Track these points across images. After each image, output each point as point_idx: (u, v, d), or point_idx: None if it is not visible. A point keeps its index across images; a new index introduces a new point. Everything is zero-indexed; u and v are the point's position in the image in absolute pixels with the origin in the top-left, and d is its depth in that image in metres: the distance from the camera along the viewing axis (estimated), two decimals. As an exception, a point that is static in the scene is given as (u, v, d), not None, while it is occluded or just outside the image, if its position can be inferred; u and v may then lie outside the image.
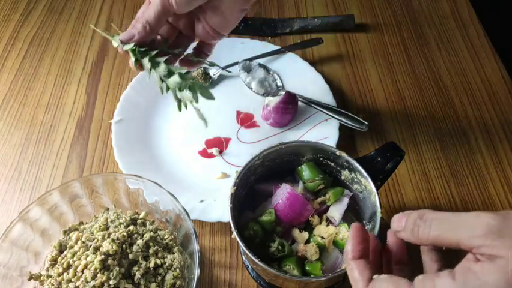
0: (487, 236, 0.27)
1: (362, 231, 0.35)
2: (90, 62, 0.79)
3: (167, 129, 0.68)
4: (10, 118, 0.71)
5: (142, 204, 0.54)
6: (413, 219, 0.31)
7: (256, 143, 0.66)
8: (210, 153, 0.65)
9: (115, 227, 0.49)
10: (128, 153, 0.63)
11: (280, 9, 0.87)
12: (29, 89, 0.75)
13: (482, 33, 0.81)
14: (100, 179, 0.52)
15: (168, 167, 0.63)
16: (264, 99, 0.69)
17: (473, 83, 0.73)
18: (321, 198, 0.49)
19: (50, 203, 0.50)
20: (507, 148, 0.65)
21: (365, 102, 0.72)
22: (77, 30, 0.84)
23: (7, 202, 0.62)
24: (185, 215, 0.48)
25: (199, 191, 0.60)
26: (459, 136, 0.67)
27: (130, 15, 0.86)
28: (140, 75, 0.71)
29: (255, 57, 0.74)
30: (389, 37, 0.81)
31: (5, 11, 0.88)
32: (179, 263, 0.48)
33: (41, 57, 0.80)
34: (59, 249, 0.49)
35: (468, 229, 0.28)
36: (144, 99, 0.70)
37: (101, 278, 0.44)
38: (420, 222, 0.30)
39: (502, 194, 0.61)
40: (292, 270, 0.45)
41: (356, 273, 0.33)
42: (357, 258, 0.33)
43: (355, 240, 0.34)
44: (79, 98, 0.73)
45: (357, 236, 0.34)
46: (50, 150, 0.67)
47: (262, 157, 0.49)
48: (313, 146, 0.50)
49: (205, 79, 0.73)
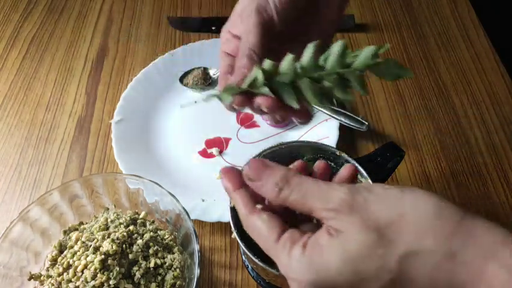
0: (337, 210, 0.27)
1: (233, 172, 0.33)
2: (90, 62, 0.79)
3: (167, 129, 0.68)
4: (10, 118, 0.71)
5: (142, 204, 0.54)
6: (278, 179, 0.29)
7: (256, 143, 0.66)
8: (210, 153, 0.65)
9: (115, 227, 0.49)
10: (128, 153, 0.63)
11: (280, 9, 0.87)
12: (29, 89, 0.75)
13: (482, 33, 0.81)
14: (100, 179, 0.52)
15: (168, 167, 0.63)
16: (264, 99, 0.69)
17: (473, 83, 0.73)
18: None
19: (50, 203, 0.50)
20: (507, 148, 0.65)
21: (365, 102, 0.72)
22: (77, 30, 0.84)
23: (7, 202, 0.62)
24: (185, 215, 0.48)
25: (199, 191, 0.60)
26: (459, 136, 0.67)
27: (130, 15, 0.86)
28: (140, 74, 0.72)
29: (255, 57, 0.74)
30: (389, 37, 0.81)
31: (5, 11, 0.88)
32: (179, 263, 0.48)
33: (41, 57, 0.80)
34: (59, 249, 0.49)
35: (322, 200, 0.27)
36: (144, 99, 0.70)
37: (101, 278, 0.44)
38: (283, 185, 0.29)
39: (502, 194, 0.61)
40: (292, 270, 0.45)
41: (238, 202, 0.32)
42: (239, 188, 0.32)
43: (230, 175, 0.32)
44: (79, 98, 0.73)
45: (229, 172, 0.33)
46: (50, 150, 0.67)
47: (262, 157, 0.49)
48: (313, 146, 0.50)
49: (205, 79, 0.73)
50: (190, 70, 0.74)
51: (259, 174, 0.30)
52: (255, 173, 0.30)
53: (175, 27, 0.84)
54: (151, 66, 0.73)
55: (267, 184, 0.30)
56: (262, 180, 0.30)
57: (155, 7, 0.88)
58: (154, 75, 0.72)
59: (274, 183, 0.29)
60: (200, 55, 0.75)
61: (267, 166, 0.30)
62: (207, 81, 0.73)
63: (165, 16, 0.86)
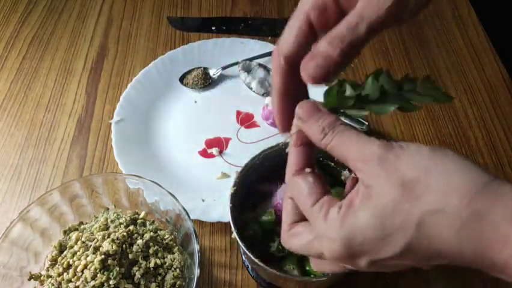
0: (367, 161, 0.27)
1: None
2: (90, 62, 0.79)
3: (167, 129, 0.68)
4: (10, 118, 0.71)
5: (142, 204, 0.54)
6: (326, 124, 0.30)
7: (256, 143, 0.66)
8: (210, 153, 0.65)
9: (115, 227, 0.49)
10: (128, 153, 0.63)
11: (280, 9, 0.87)
12: (29, 89, 0.75)
13: (482, 33, 0.81)
14: (100, 179, 0.52)
15: (168, 167, 0.63)
16: (264, 99, 0.69)
17: (473, 83, 0.73)
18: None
19: (50, 203, 0.50)
20: (507, 148, 0.65)
21: (365, 102, 0.71)
22: (77, 30, 0.84)
23: (7, 202, 0.62)
24: (185, 215, 0.48)
25: (199, 191, 0.60)
26: (459, 136, 0.67)
27: (130, 15, 0.86)
28: (140, 74, 0.72)
29: (255, 57, 0.74)
30: (389, 37, 0.81)
31: (5, 11, 0.88)
32: (179, 263, 0.48)
33: (41, 57, 0.80)
34: (59, 249, 0.49)
35: (357, 151, 0.28)
36: (144, 99, 0.70)
37: (101, 278, 0.44)
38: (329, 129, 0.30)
39: (502, 194, 0.61)
40: (293, 270, 0.45)
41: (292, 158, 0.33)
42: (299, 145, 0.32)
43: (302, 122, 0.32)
44: (79, 98, 0.73)
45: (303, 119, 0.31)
46: (50, 150, 0.67)
47: (262, 157, 0.49)
48: (314, 146, 0.50)
49: (205, 79, 0.73)
50: (190, 70, 0.74)
51: (309, 115, 0.31)
52: (306, 114, 0.31)
53: (175, 27, 0.84)
54: (151, 66, 0.73)
55: (315, 127, 0.30)
56: (310, 121, 0.30)
57: (155, 7, 0.88)
58: (154, 75, 0.72)
59: (322, 127, 0.30)
60: (200, 55, 0.75)
61: (317, 110, 0.31)
62: (206, 81, 0.73)
63: (165, 16, 0.86)
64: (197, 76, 0.72)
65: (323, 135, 0.30)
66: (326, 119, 0.30)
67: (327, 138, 0.29)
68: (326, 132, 0.30)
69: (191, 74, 0.73)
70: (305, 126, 0.31)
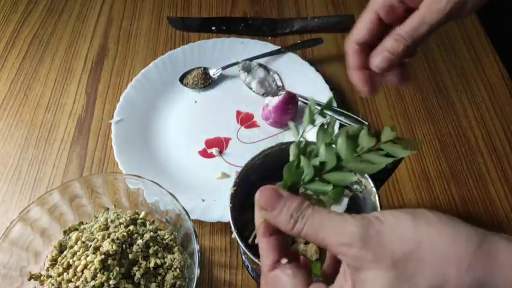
0: (350, 244, 0.25)
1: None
2: (90, 62, 0.79)
3: (167, 129, 0.68)
4: (10, 118, 0.71)
5: (142, 204, 0.54)
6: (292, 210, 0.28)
7: (256, 143, 0.66)
8: (210, 153, 0.65)
9: (115, 227, 0.49)
10: (128, 153, 0.63)
11: (280, 9, 0.87)
12: (29, 89, 0.75)
13: (482, 33, 0.81)
14: (100, 179, 0.52)
15: (168, 167, 0.63)
16: (264, 99, 0.69)
17: (473, 83, 0.73)
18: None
19: (50, 203, 0.50)
20: (507, 148, 0.65)
21: (365, 102, 0.72)
22: (77, 30, 0.84)
23: (7, 202, 0.62)
24: (185, 215, 0.48)
25: (199, 191, 0.60)
26: (459, 136, 0.67)
27: (130, 15, 0.86)
28: (140, 74, 0.72)
29: (255, 57, 0.74)
30: (389, 37, 0.81)
31: (5, 11, 0.88)
32: (179, 263, 0.48)
33: (41, 57, 0.80)
34: (59, 249, 0.49)
35: (335, 235, 0.26)
36: (144, 99, 0.70)
37: (101, 278, 0.44)
38: (297, 215, 0.28)
39: (502, 194, 0.61)
40: (292, 270, 0.45)
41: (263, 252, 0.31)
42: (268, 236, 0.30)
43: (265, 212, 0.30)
44: (79, 98, 0.73)
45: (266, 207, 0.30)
46: (50, 150, 0.67)
47: (262, 157, 0.49)
48: (313, 146, 0.50)
49: (205, 79, 0.73)
50: (190, 70, 0.74)
51: (272, 203, 0.29)
52: (268, 202, 0.29)
53: (175, 27, 0.84)
54: (151, 66, 0.73)
55: (282, 215, 0.28)
56: (276, 210, 0.29)
57: (155, 7, 0.88)
58: (154, 75, 0.72)
59: (288, 214, 0.28)
60: (200, 55, 0.75)
61: (279, 196, 0.29)
62: (206, 81, 0.73)
63: (165, 16, 0.86)
64: (197, 76, 0.72)
65: (292, 224, 0.28)
66: (291, 205, 0.28)
67: (298, 226, 0.28)
68: (294, 219, 0.28)
69: (191, 74, 0.73)
70: (271, 216, 0.29)
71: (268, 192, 0.30)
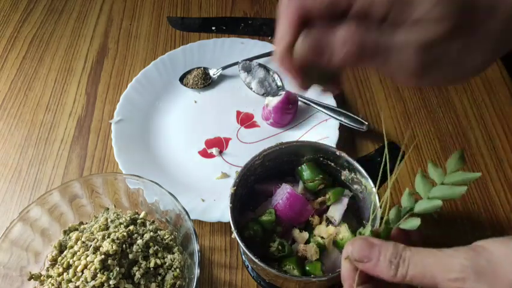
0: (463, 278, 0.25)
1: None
2: (90, 62, 0.79)
3: (167, 129, 0.68)
4: (10, 118, 0.71)
5: (142, 204, 0.54)
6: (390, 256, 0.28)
7: (256, 143, 0.66)
8: (210, 153, 0.65)
9: (115, 227, 0.49)
10: (128, 153, 0.63)
11: (280, 9, 0.87)
12: (29, 89, 0.75)
13: (482, 33, 0.81)
14: (100, 179, 0.52)
15: (168, 167, 0.63)
16: (264, 99, 0.69)
17: (473, 83, 0.73)
18: (321, 198, 0.49)
19: (50, 203, 0.50)
20: (507, 148, 0.65)
21: (365, 102, 0.72)
22: (77, 30, 0.84)
23: (7, 202, 0.62)
24: (185, 215, 0.48)
25: (199, 191, 0.60)
26: (459, 136, 0.67)
27: (130, 15, 0.86)
28: (140, 74, 0.72)
29: (255, 57, 0.74)
30: (389, 37, 0.81)
31: (5, 11, 0.88)
32: (179, 263, 0.48)
33: (41, 57, 0.80)
34: (59, 249, 0.49)
35: (444, 271, 0.26)
36: (144, 99, 0.70)
37: (101, 278, 0.44)
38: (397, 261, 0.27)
39: (502, 194, 0.61)
40: (292, 270, 0.45)
41: None
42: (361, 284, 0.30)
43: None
44: (79, 98, 0.73)
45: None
46: (50, 150, 0.67)
47: (262, 157, 0.49)
48: (313, 146, 0.50)
49: (205, 79, 0.73)
50: (190, 70, 0.74)
51: (367, 254, 0.29)
52: (362, 254, 0.29)
53: (175, 27, 0.84)
54: (151, 66, 0.73)
55: (380, 264, 0.28)
56: (372, 260, 0.28)
57: (155, 7, 0.88)
58: (154, 75, 0.72)
59: (388, 261, 0.28)
60: (200, 55, 0.75)
61: (372, 244, 0.29)
62: (206, 81, 0.73)
63: (165, 16, 0.86)
64: (197, 76, 0.72)
65: (394, 270, 0.27)
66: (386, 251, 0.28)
67: (401, 270, 0.27)
68: (395, 265, 0.27)
69: (191, 74, 0.73)
70: (368, 267, 0.29)
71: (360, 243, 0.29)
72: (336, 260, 0.47)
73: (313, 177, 0.50)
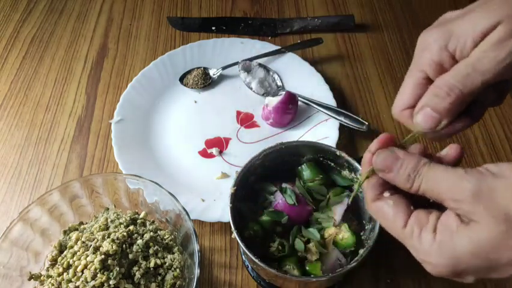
0: (462, 201, 0.27)
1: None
2: (90, 62, 0.79)
3: (167, 129, 0.68)
4: (10, 118, 0.71)
5: (142, 204, 0.54)
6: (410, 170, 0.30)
7: (256, 143, 0.66)
8: (210, 153, 0.65)
9: (115, 227, 0.49)
10: (128, 153, 0.63)
11: (280, 9, 0.87)
12: (29, 89, 0.75)
13: (482, 33, 0.81)
14: (100, 179, 0.52)
15: (168, 167, 0.63)
16: (264, 99, 0.69)
17: (473, 83, 0.73)
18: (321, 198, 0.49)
19: (50, 203, 0.50)
20: (507, 148, 0.65)
21: (365, 102, 0.72)
22: (77, 30, 0.84)
23: (7, 202, 0.62)
24: (185, 215, 0.48)
25: (199, 191, 0.60)
26: (459, 136, 0.67)
27: (130, 15, 0.86)
28: (140, 74, 0.72)
29: (255, 57, 0.74)
30: (389, 37, 0.81)
31: (5, 11, 0.88)
32: (179, 263, 0.48)
33: (41, 57, 0.80)
34: (59, 249, 0.49)
35: (449, 191, 0.28)
36: (144, 99, 0.70)
37: (101, 278, 0.44)
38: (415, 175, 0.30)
39: (502, 194, 0.61)
40: (292, 270, 0.45)
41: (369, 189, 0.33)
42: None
43: None
44: (79, 98, 0.73)
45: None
46: (50, 150, 0.67)
47: (262, 157, 0.49)
48: (313, 146, 0.50)
49: (204, 79, 0.73)
50: (190, 70, 0.74)
51: (390, 165, 0.31)
52: (385, 165, 0.31)
53: (175, 27, 0.84)
54: (151, 66, 0.73)
55: (400, 176, 0.30)
56: (393, 172, 0.31)
57: (155, 7, 0.88)
58: (154, 75, 0.72)
59: (407, 174, 0.30)
60: (200, 55, 0.75)
61: (396, 157, 0.31)
62: (206, 81, 0.73)
63: (165, 16, 0.86)
64: (197, 76, 0.72)
65: (410, 183, 0.30)
66: (408, 165, 0.30)
67: (415, 184, 0.30)
68: (412, 178, 0.30)
69: (191, 74, 0.73)
70: (389, 176, 0.31)
71: (384, 155, 0.31)
72: (336, 260, 0.47)
73: (313, 177, 0.50)
